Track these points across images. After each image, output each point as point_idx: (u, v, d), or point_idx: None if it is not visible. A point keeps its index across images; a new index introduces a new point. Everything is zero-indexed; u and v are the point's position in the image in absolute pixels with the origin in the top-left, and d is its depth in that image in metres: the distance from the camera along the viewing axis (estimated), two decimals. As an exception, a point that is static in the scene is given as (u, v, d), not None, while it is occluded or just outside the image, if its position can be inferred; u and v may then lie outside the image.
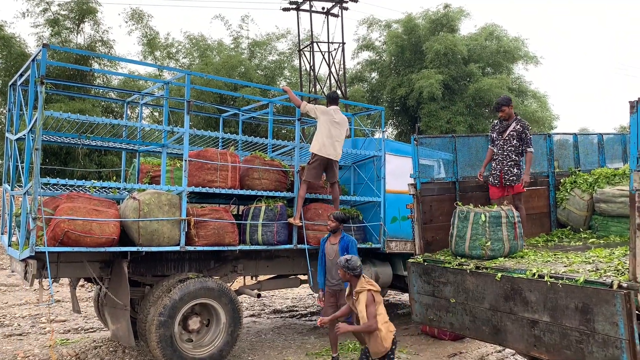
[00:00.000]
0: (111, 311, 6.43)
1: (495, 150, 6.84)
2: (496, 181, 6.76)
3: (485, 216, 5.61)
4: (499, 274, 5.01)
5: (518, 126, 6.64)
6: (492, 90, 22.16)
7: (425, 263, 5.94)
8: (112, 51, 22.12)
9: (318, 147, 7.46)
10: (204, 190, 6.76)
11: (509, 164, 6.65)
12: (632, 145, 4.17)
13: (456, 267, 5.53)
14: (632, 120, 4.17)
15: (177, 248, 6.28)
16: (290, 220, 7.32)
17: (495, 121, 6.94)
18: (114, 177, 14.05)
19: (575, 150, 8.21)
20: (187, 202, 6.46)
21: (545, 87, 56.28)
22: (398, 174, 8.32)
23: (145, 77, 17.39)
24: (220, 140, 8.75)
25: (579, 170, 7.95)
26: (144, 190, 6.33)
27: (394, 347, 4.88)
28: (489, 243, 5.56)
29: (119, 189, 7.23)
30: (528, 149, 6.66)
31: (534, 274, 4.74)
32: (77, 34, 21.69)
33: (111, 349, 7.27)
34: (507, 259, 5.59)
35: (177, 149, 7.97)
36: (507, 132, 6.67)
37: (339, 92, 20.72)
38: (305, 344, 7.79)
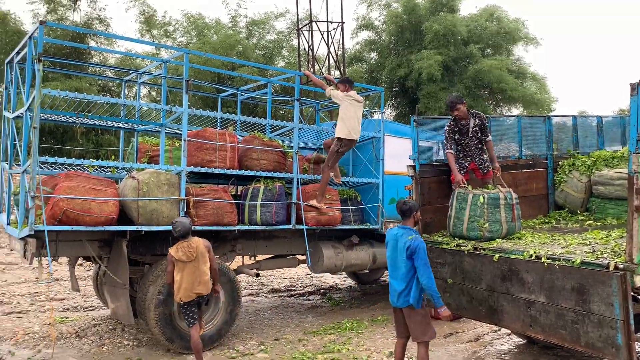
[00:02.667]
0: (110, 290, 6.47)
1: (458, 149, 6.53)
2: (463, 171, 6.38)
3: (484, 198, 5.62)
4: (497, 255, 5.04)
5: (477, 120, 6.42)
6: (491, 72, 22.04)
7: (423, 244, 5.96)
8: (109, 29, 21.90)
9: (347, 131, 7.45)
10: (203, 170, 6.76)
11: (479, 154, 6.49)
12: (631, 127, 4.16)
13: (454, 248, 5.56)
14: (632, 103, 4.15)
15: (176, 227, 6.29)
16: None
17: (450, 123, 6.47)
18: (112, 157, 14.02)
19: (574, 132, 8.19)
20: (186, 182, 6.46)
21: (545, 69, 55.84)
22: (397, 155, 8.32)
23: (143, 55, 17.23)
24: (218, 120, 8.72)
25: (578, 153, 7.95)
26: (142, 169, 6.32)
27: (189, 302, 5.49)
28: (486, 224, 5.58)
29: (117, 168, 7.22)
30: (487, 139, 6.46)
31: (531, 255, 4.77)
32: (73, 11, 21.46)
33: (110, 327, 7.34)
34: (504, 240, 5.63)
35: (176, 129, 7.94)
36: (470, 130, 6.43)
37: (337, 73, 20.58)
38: (303, 322, 7.86)
